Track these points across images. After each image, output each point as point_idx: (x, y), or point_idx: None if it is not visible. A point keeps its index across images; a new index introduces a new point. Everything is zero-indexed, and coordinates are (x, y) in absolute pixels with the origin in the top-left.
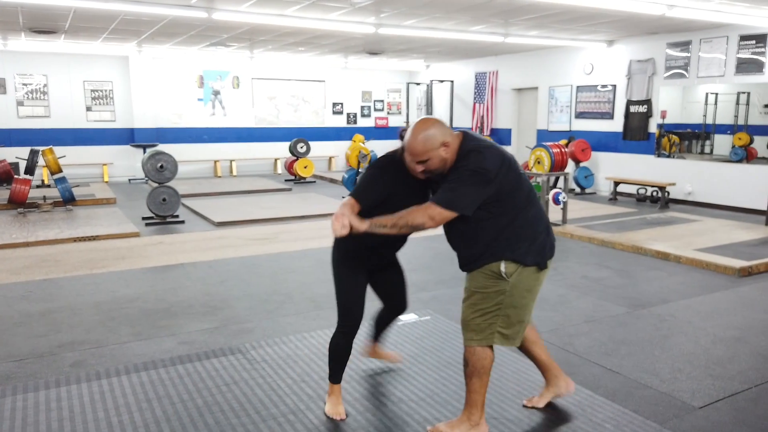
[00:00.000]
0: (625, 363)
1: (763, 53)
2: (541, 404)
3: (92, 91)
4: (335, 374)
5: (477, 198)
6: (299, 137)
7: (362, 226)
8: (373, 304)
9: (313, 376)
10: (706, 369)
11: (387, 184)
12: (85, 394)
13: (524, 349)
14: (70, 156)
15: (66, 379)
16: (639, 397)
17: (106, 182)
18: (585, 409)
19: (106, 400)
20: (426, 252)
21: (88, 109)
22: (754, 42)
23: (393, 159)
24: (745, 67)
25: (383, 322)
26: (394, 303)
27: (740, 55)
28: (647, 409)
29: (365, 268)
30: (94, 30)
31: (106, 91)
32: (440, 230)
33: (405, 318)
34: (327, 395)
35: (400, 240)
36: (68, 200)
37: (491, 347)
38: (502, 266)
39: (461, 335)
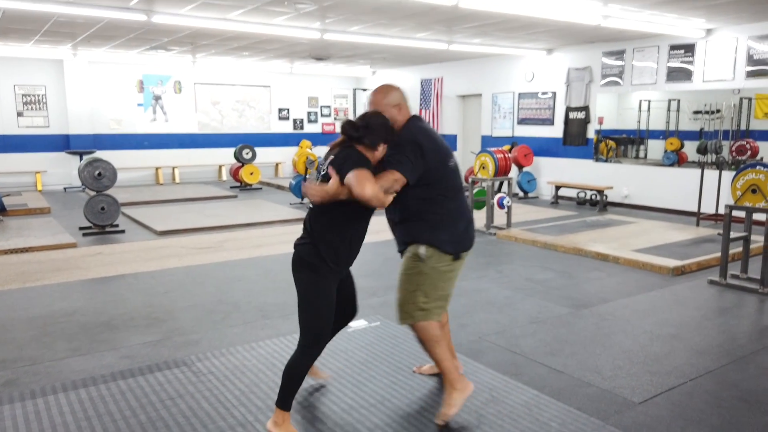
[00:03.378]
0: (569, 362)
1: (691, 62)
2: (428, 373)
3: (24, 95)
4: (289, 400)
5: (415, 166)
6: (245, 143)
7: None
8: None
9: (261, 386)
10: (644, 365)
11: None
12: (19, 415)
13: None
14: None
15: None
16: (582, 394)
17: (40, 191)
18: (531, 408)
19: (42, 420)
20: (375, 258)
21: (20, 114)
22: (682, 51)
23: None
24: (675, 75)
25: (332, 332)
26: (349, 310)
27: (670, 64)
28: (590, 406)
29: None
30: (25, 32)
31: (38, 95)
32: (389, 235)
33: (355, 324)
34: (274, 424)
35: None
36: None
37: None
38: (422, 249)
39: (412, 340)
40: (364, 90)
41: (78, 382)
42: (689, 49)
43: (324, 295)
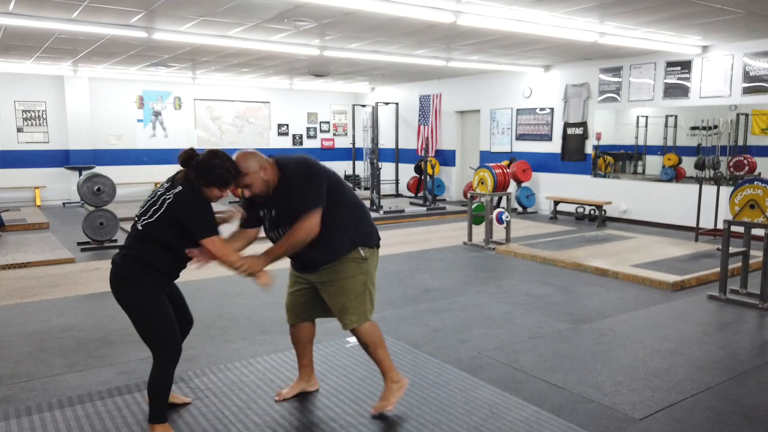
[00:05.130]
0: (569, 378)
1: (688, 79)
2: (291, 395)
3: (24, 111)
4: (164, 411)
5: (322, 190)
6: None
7: (265, 265)
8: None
9: (259, 402)
10: (645, 381)
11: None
12: (14, 431)
13: (300, 345)
14: None
15: None
16: (583, 411)
17: (39, 206)
18: (531, 425)
19: None
20: None
21: (20, 130)
22: (679, 68)
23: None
24: (672, 91)
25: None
26: (186, 317)
27: (667, 81)
28: (591, 422)
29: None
30: (26, 49)
31: (39, 111)
32: (388, 251)
33: (353, 339)
34: None
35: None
36: None
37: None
38: (361, 251)
39: (411, 356)
40: (363, 106)
41: (74, 398)
42: (686, 65)
43: (156, 301)
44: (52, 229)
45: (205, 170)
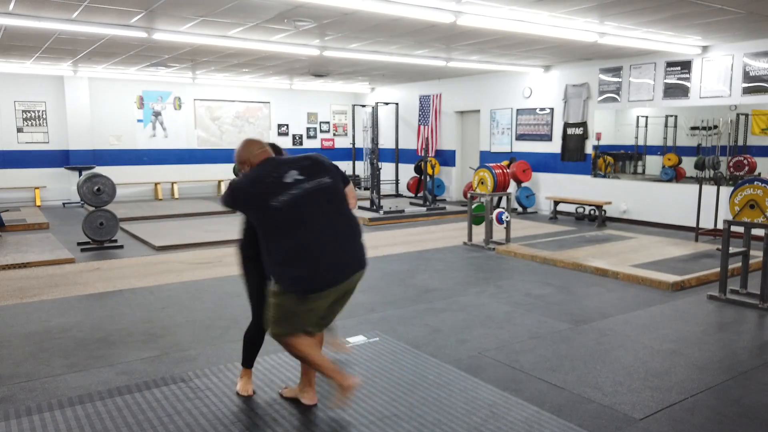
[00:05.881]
0: (569, 378)
1: (688, 79)
2: (286, 395)
3: (24, 111)
4: (248, 360)
5: (230, 199)
6: None
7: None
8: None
9: (259, 402)
10: (645, 381)
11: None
12: (14, 431)
13: None
14: None
15: None
16: (583, 411)
17: (39, 206)
18: (532, 425)
19: None
20: (374, 273)
21: (20, 130)
22: (679, 68)
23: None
24: (672, 91)
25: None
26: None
27: (667, 81)
28: (591, 423)
29: None
30: (26, 49)
31: (38, 111)
32: (388, 251)
33: (354, 340)
34: (240, 378)
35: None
36: None
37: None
38: (272, 285)
39: (412, 356)
40: (363, 106)
41: (74, 398)
42: (686, 65)
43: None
44: (52, 230)
45: None
